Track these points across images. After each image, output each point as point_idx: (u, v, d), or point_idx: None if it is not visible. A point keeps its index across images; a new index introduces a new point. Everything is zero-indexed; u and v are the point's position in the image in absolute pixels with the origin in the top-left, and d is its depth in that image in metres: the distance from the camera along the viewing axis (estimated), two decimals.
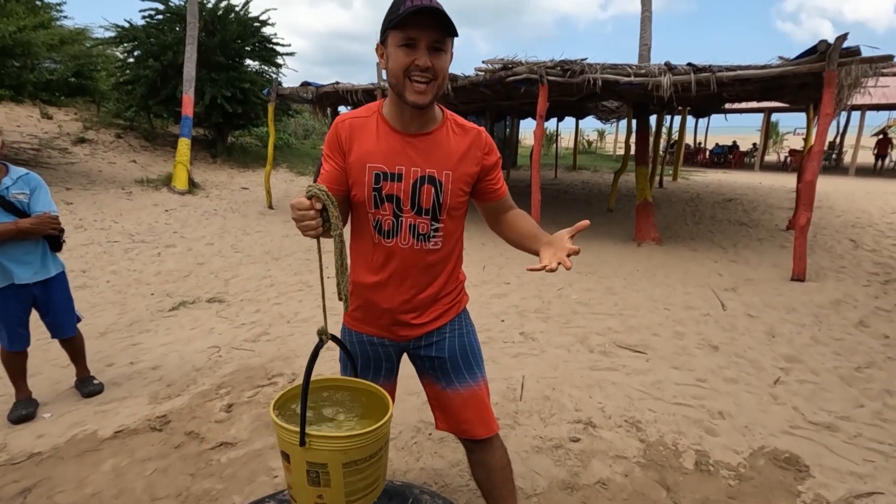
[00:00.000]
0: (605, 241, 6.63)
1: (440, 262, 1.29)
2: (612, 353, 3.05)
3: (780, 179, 14.91)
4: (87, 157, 11.34)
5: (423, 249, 1.25)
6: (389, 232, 1.23)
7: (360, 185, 1.21)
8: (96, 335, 3.43)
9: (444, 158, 1.21)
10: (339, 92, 8.00)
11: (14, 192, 2.25)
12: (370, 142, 1.20)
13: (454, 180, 1.22)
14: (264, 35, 13.35)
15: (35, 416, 2.41)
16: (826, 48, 4.61)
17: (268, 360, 3.00)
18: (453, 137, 1.23)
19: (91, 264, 5.26)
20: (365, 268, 1.28)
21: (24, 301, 2.36)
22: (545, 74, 5.85)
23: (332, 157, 1.24)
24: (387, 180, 1.19)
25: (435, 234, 1.25)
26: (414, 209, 1.22)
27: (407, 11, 1.04)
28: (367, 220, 1.24)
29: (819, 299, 4.27)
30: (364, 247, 1.28)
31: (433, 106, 1.20)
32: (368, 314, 1.32)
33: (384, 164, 1.19)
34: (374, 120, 1.22)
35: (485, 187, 1.29)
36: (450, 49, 1.14)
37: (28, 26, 7.84)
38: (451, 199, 1.23)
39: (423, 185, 1.20)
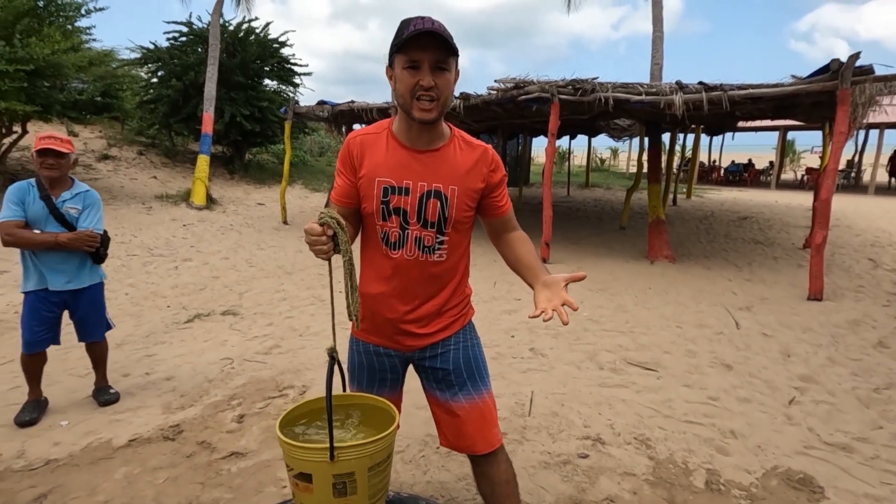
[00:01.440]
0: (617, 258, 6.60)
1: (445, 274, 1.32)
2: (623, 371, 3.03)
3: (797, 198, 14.72)
4: (110, 173, 11.70)
5: (428, 261, 1.29)
6: (396, 243, 1.28)
7: (369, 198, 1.26)
8: (113, 346, 3.49)
9: (451, 174, 1.25)
10: (355, 110, 8.18)
11: (68, 206, 2.42)
12: (380, 157, 1.26)
13: (459, 195, 1.26)
14: (283, 56, 13.74)
15: (39, 422, 2.48)
16: (839, 67, 4.61)
17: (279, 372, 3.03)
18: (460, 154, 1.27)
19: (110, 277, 5.32)
20: (372, 278, 1.33)
21: (55, 305, 2.48)
22: (557, 93, 5.93)
23: (344, 173, 1.30)
24: (394, 194, 1.24)
25: (440, 247, 1.29)
26: (420, 222, 1.26)
27: (409, 35, 1.10)
28: (375, 231, 1.29)
29: (836, 319, 4.19)
30: (372, 257, 1.33)
31: (440, 123, 1.25)
32: (374, 324, 1.35)
33: (392, 178, 1.24)
34: (385, 136, 1.28)
35: (489, 203, 1.33)
36: (453, 67, 1.19)
37: (60, 49, 8.17)
38: (456, 213, 1.26)
39: (429, 199, 1.24)
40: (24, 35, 7.94)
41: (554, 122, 6.08)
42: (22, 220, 2.32)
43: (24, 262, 2.43)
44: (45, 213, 2.36)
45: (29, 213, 2.34)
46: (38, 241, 2.32)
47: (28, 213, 2.34)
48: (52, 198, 2.38)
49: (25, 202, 2.34)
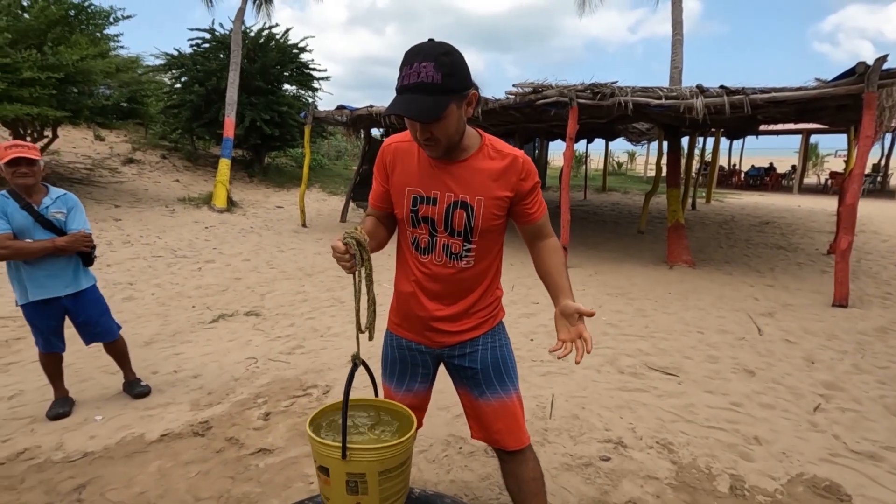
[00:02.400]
0: (635, 263, 6.56)
1: (473, 279, 1.36)
2: (643, 375, 3.02)
3: (820, 202, 14.43)
4: (135, 177, 12.01)
5: (456, 267, 1.33)
6: (425, 249, 1.33)
7: (400, 205, 1.33)
8: (142, 344, 3.62)
9: (478, 184, 1.27)
10: (373, 115, 8.28)
11: (53, 211, 2.42)
12: (411, 166, 1.31)
13: (486, 205, 1.27)
14: (302, 61, 13.97)
15: (70, 414, 2.57)
16: (865, 70, 4.53)
17: (302, 372, 3.09)
18: (489, 163, 1.28)
19: (137, 277, 5.54)
20: (404, 277, 1.39)
21: (57, 312, 2.51)
22: (575, 97, 5.92)
23: (378, 178, 1.37)
24: (423, 203, 1.29)
25: (467, 254, 1.32)
26: (447, 231, 1.30)
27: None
28: (406, 235, 1.35)
29: (862, 326, 4.11)
30: (404, 258, 1.39)
31: (464, 137, 1.26)
32: (406, 320, 1.41)
33: (421, 188, 1.29)
34: (417, 146, 1.30)
35: (520, 210, 1.33)
36: (455, 110, 1.16)
37: (89, 56, 8.45)
38: (482, 222, 1.28)
39: (455, 210, 1.28)
40: (54, 43, 8.23)
41: (572, 126, 6.08)
42: (10, 233, 2.28)
43: (12, 276, 2.40)
44: (31, 222, 2.34)
45: (13, 224, 2.30)
46: (36, 248, 2.31)
47: (12, 224, 2.30)
48: (33, 206, 2.35)
49: (7, 214, 2.30)
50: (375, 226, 1.39)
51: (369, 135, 10.63)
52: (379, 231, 1.38)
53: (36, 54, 7.82)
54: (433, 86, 1.10)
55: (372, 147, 10.78)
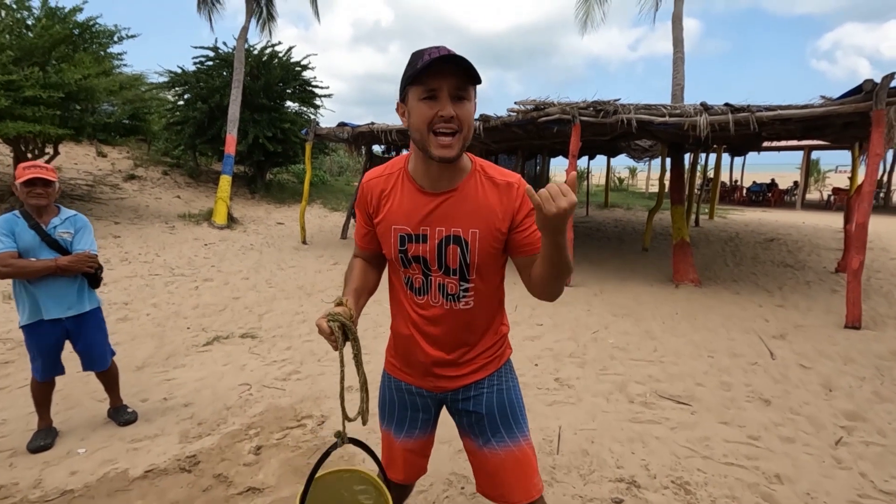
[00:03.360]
0: (640, 282, 6.44)
1: (475, 320, 1.24)
2: (654, 405, 2.89)
3: (825, 219, 14.31)
4: (136, 193, 11.99)
5: (454, 309, 1.21)
6: (420, 290, 1.22)
7: (387, 245, 1.22)
8: (134, 368, 3.50)
9: (471, 215, 1.15)
10: (375, 132, 8.25)
11: (60, 231, 2.40)
12: (395, 202, 1.19)
13: (482, 238, 1.15)
14: (305, 78, 14.05)
15: (52, 447, 2.46)
16: (872, 87, 4.47)
17: (297, 399, 2.97)
18: (481, 190, 1.16)
19: (133, 296, 5.44)
20: (400, 319, 1.28)
21: (57, 334, 2.45)
22: (578, 115, 5.88)
23: (361, 218, 1.27)
24: (412, 242, 1.18)
25: (465, 294, 1.20)
26: (441, 269, 1.19)
27: (425, 63, 1.01)
28: (399, 275, 1.24)
29: (879, 349, 3.97)
30: (399, 299, 1.28)
31: (461, 158, 1.17)
32: (406, 363, 1.30)
33: (408, 225, 1.17)
34: (400, 178, 1.20)
35: (517, 240, 1.17)
36: (473, 97, 1.09)
37: (92, 74, 8.47)
38: (479, 258, 1.17)
39: (448, 246, 1.16)
40: (58, 61, 8.26)
41: (575, 143, 6.02)
42: (15, 251, 2.27)
43: (18, 295, 2.39)
44: (38, 242, 2.33)
45: (20, 243, 2.30)
46: (38, 267, 2.29)
47: (19, 243, 2.30)
48: (41, 226, 2.35)
49: (15, 233, 2.30)
50: (365, 272, 1.29)
51: (371, 151, 10.62)
52: (369, 278, 1.29)
53: (39, 72, 7.84)
54: (465, 61, 1.02)
55: (374, 163, 10.76)
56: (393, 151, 10.81)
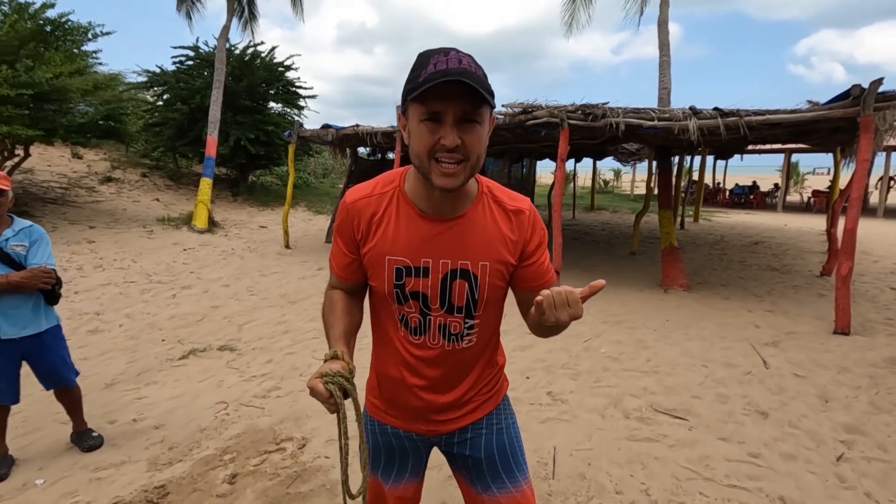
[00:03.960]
0: (631, 287, 6.38)
1: (475, 357, 1.11)
2: (651, 420, 2.78)
3: (806, 221, 14.51)
4: (113, 196, 11.63)
5: (455, 349, 1.07)
6: (417, 329, 1.06)
7: (379, 278, 1.04)
8: (103, 386, 3.29)
9: (480, 246, 1.01)
10: (360, 134, 8.08)
11: (13, 244, 2.21)
12: (390, 228, 1.01)
13: (492, 272, 1.02)
14: (288, 79, 13.81)
15: (7, 477, 2.27)
16: (860, 93, 4.45)
17: (277, 420, 2.80)
18: (490, 217, 1.03)
19: (106, 306, 5.20)
20: (388, 359, 1.12)
21: (13, 356, 2.27)
22: (566, 118, 5.80)
23: (343, 244, 1.06)
24: (410, 276, 1.01)
25: (469, 332, 1.06)
26: (444, 307, 1.03)
27: (428, 80, 0.84)
28: (390, 310, 1.07)
29: (871, 357, 3.94)
30: (387, 337, 1.11)
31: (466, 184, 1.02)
32: (393, 406, 1.15)
33: (407, 256, 1.00)
34: (395, 199, 1.02)
35: (525, 274, 1.05)
36: (486, 120, 0.92)
37: (64, 73, 8.15)
38: (488, 293, 1.03)
39: (454, 281, 1.01)
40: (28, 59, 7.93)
41: (563, 147, 5.94)
42: None
43: None
44: None
45: None
46: None
47: None
48: None
49: None
50: (349, 309, 1.09)
51: (356, 153, 10.43)
52: (355, 315, 1.10)
53: (7, 71, 7.51)
54: (478, 77, 0.86)
55: (359, 166, 10.57)
56: (378, 154, 10.63)
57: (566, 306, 0.83)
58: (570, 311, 0.83)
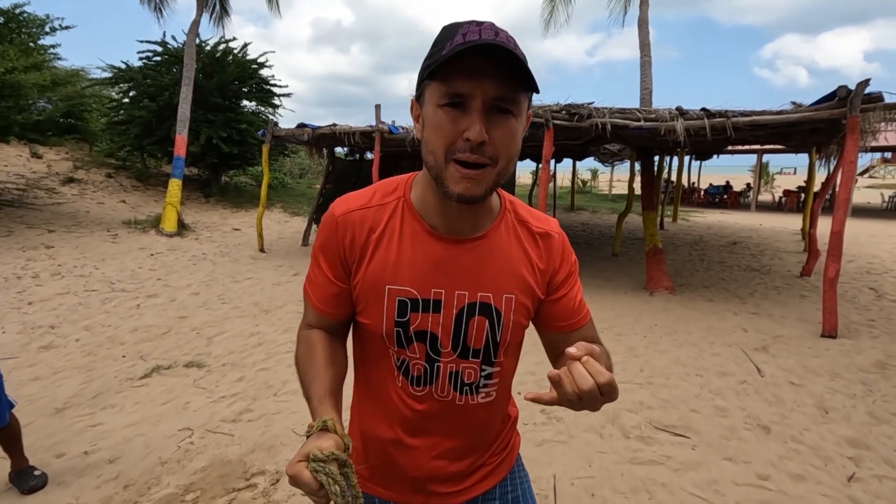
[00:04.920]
0: (615, 289, 6.29)
1: (491, 414, 0.91)
2: (652, 439, 2.63)
3: (780, 220, 14.80)
4: (75, 198, 11.02)
5: (469, 404, 0.86)
6: (420, 379, 0.84)
7: (374, 314, 0.81)
8: (52, 411, 2.97)
9: (504, 274, 0.81)
10: (337, 133, 7.80)
11: None
12: (392, 250, 0.80)
13: (517, 307, 0.82)
14: (262, 77, 13.37)
15: None
16: (847, 94, 4.42)
17: (248, 449, 2.54)
18: (514, 240, 0.83)
19: (63, 318, 4.81)
20: (379, 416, 0.89)
21: None
22: (551, 118, 5.65)
23: (328, 269, 0.83)
24: (417, 311, 0.80)
25: (487, 383, 0.86)
26: (457, 351, 0.82)
27: (454, 51, 0.64)
28: (386, 354, 0.85)
29: (860, 361, 3.90)
30: (379, 388, 0.88)
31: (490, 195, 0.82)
32: (387, 475, 0.92)
33: (413, 286, 0.79)
34: (399, 212, 0.81)
35: (553, 311, 0.86)
36: (524, 112, 0.73)
37: (18, 68, 7.65)
38: (512, 333, 0.83)
39: (471, 317, 0.80)
40: None
41: (548, 148, 5.79)
42: None
43: None
44: None
45: None
46: None
47: None
48: None
49: None
50: (333, 356, 0.84)
51: (332, 153, 10.12)
52: (339, 362, 0.86)
53: None
54: (517, 53, 0.66)
55: (336, 166, 10.26)
56: (357, 154, 10.33)
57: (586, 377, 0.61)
58: (603, 400, 0.64)
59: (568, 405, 0.64)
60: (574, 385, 0.62)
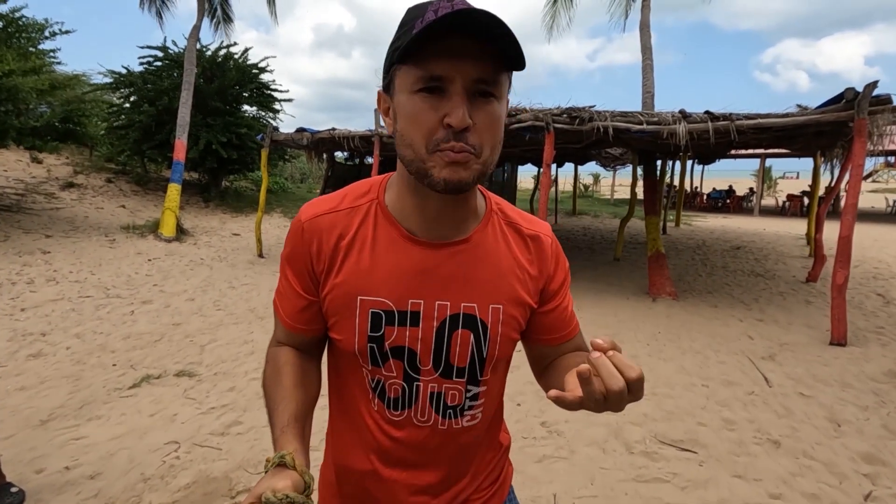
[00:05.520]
0: (617, 295, 6.18)
1: (477, 439, 0.81)
2: (657, 455, 2.52)
3: (783, 225, 14.68)
4: (75, 203, 10.97)
5: (452, 429, 0.77)
6: (397, 401, 0.75)
7: (346, 329, 0.72)
8: (36, 423, 2.88)
9: (492, 282, 0.72)
10: (336, 138, 7.74)
11: None
12: (364, 257, 0.71)
13: (505, 319, 0.73)
14: (262, 81, 13.34)
15: None
16: (854, 96, 4.33)
17: (235, 464, 2.44)
18: (503, 243, 0.75)
19: (54, 325, 4.72)
20: (354, 444, 0.80)
21: None
22: (552, 122, 5.57)
23: (296, 280, 0.75)
24: (393, 324, 0.71)
25: (472, 404, 0.77)
26: (439, 370, 0.73)
27: (428, 25, 0.56)
28: (359, 374, 0.76)
29: (870, 369, 3.78)
30: (353, 412, 0.79)
31: (475, 190, 0.73)
32: None
33: (389, 297, 0.71)
34: (371, 216, 0.73)
35: (544, 322, 0.79)
36: (506, 93, 0.65)
37: (16, 72, 7.60)
38: (500, 348, 0.74)
39: (454, 331, 0.71)
40: None
41: (549, 152, 5.71)
42: None
43: None
44: None
45: None
46: None
47: None
48: None
49: None
50: (303, 377, 0.76)
51: (332, 158, 10.06)
52: (310, 384, 0.77)
53: None
54: (501, 26, 0.56)
55: (335, 170, 10.20)
56: (357, 159, 10.26)
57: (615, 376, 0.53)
58: (630, 399, 0.55)
59: (592, 406, 0.55)
60: (602, 384, 0.53)
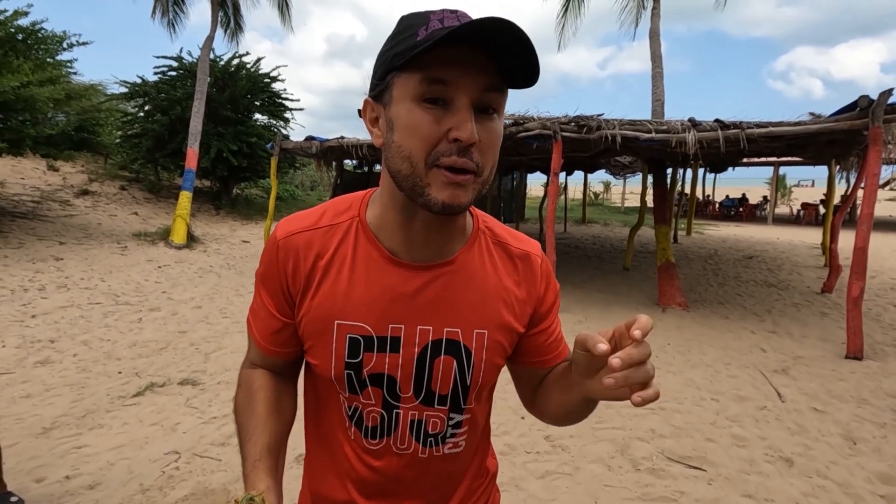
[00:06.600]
0: (626, 305, 6.09)
1: (461, 468, 0.78)
2: (664, 472, 2.45)
3: (797, 234, 14.44)
4: (88, 210, 11.15)
5: (433, 457, 0.73)
6: (375, 430, 0.72)
7: (322, 354, 0.69)
8: (39, 431, 2.88)
9: (476, 306, 0.69)
10: (344, 146, 7.77)
11: None
12: (342, 279, 0.67)
13: (490, 346, 0.70)
14: (273, 91, 13.50)
15: None
16: (868, 104, 4.24)
17: (234, 476, 2.42)
18: (489, 265, 0.71)
19: (63, 332, 4.77)
20: (331, 473, 0.77)
21: None
22: (559, 130, 5.54)
23: (270, 301, 0.72)
24: (372, 350, 0.67)
25: (455, 432, 0.73)
26: (420, 397, 0.70)
27: (435, 36, 0.53)
28: (336, 401, 0.73)
29: (888, 385, 3.66)
30: (330, 439, 0.76)
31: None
32: None
33: (367, 321, 0.67)
34: (351, 235, 0.69)
35: (532, 345, 0.75)
36: (504, 108, 0.62)
37: (33, 82, 7.76)
38: (484, 375, 0.71)
39: (436, 357, 0.68)
40: None
41: (556, 160, 5.67)
42: None
43: None
44: None
45: None
46: None
47: None
48: None
49: None
50: (277, 403, 0.73)
51: (341, 166, 10.11)
52: (285, 410, 0.75)
53: None
54: (522, 38, 0.53)
55: (344, 178, 10.25)
56: (365, 167, 10.32)
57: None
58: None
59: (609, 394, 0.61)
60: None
